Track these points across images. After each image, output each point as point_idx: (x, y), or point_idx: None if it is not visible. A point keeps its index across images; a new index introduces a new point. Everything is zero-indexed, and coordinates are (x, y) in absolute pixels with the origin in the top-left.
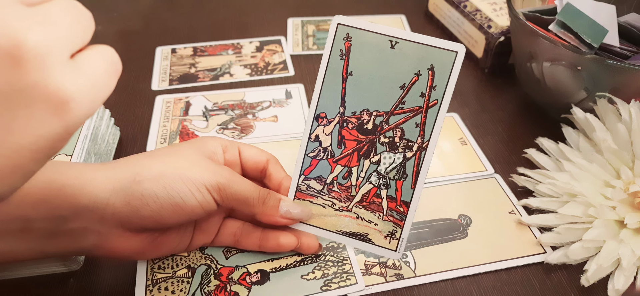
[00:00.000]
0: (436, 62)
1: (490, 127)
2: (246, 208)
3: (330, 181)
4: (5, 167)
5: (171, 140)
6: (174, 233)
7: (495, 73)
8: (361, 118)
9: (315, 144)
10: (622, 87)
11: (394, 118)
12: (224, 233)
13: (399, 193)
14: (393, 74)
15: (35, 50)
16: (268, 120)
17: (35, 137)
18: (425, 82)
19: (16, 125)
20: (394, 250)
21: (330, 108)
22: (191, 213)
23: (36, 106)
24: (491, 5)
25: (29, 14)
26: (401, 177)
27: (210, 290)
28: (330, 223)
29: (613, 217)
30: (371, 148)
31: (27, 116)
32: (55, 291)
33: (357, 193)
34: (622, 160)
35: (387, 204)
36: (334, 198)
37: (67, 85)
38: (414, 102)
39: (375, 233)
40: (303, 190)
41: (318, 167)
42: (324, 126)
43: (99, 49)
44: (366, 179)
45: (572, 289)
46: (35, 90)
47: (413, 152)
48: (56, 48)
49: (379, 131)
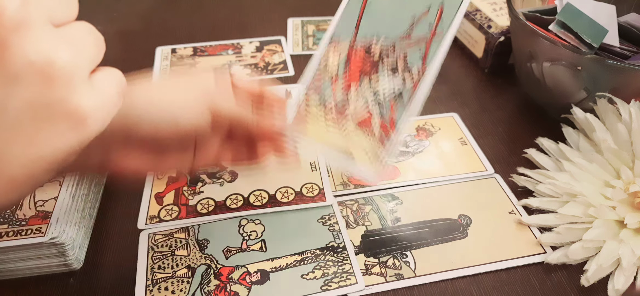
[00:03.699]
0: (446, 1)
1: (490, 127)
2: (242, 124)
3: (330, 99)
4: (21, 175)
5: None
6: (175, 152)
7: (495, 73)
8: (370, 43)
9: (323, 63)
10: (622, 87)
11: (400, 45)
12: (221, 154)
13: (392, 117)
14: (407, 6)
15: (65, 68)
16: None
17: (52, 149)
18: (434, 16)
19: (38, 137)
20: (374, 172)
21: (345, 31)
22: (186, 131)
23: (58, 120)
24: (491, 5)
25: (58, 35)
26: (396, 100)
27: (210, 290)
28: (320, 136)
29: (613, 217)
30: (373, 70)
31: (48, 129)
32: (56, 291)
33: (351, 110)
34: (622, 160)
35: (380, 126)
36: (329, 115)
37: (86, 102)
38: (421, 32)
39: (360, 152)
40: (302, 106)
41: (321, 85)
42: (335, 46)
43: (111, 71)
44: (362, 98)
45: (572, 289)
46: (60, 105)
47: (412, 78)
48: (81, 67)
49: (384, 55)
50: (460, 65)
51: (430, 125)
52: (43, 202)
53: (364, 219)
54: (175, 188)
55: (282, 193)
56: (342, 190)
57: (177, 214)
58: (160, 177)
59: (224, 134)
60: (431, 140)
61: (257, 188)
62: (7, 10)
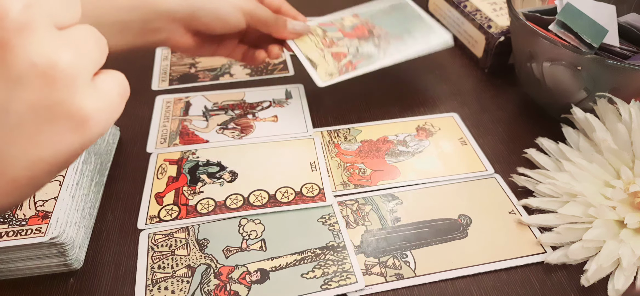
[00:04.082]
0: (416, 30)
1: (490, 127)
2: (265, 28)
3: (330, 36)
4: (23, 177)
5: (171, 140)
6: (211, 41)
7: (495, 73)
8: (374, 26)
9: (340, 19)
10: (622, 87)
11: (387, 35)
12: (237, 50)
13: (356, 63)
14: (404, 24)
15: (67, 71)
16: (268, 120)
17: (54, 151)
18: (410, 34)
19: (39, 139)
20: (321, 80)
21: (365, 12)
22: (230, 27)
23: (60, 122)
24: (491, 5)
25: (61, 37)
26: (365, 58)
27: (210, 290)
28: (306, 48)
29: (613, 216)
30: (365, 37)
31: (50, 131)
32: (56, 290)
33: (336, 46)
34: (622, 160)
35: (347, 62)
36: (322, 41)
37: (89, 104)
38: (399, 34)
39: (322, 67)
40: (308, 28)
41: (330, 27)
42: (355, 15)
43: (113, 74)
44: (348, 45)
45: (572, 289)
46: (61, 107)
47: (382, 53)
48: (83, 70)
49: (376, 34)
50: (461, 65)
51: (430, 125)
52: (43, 201)
53: (364, 219)
54: (175, 188)
55: (282, 193)
56: (342, 190)
57: (177, 214)
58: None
59: (239, 38)
60: (431, 140)
61: (257, 188)
62: (11, 13)
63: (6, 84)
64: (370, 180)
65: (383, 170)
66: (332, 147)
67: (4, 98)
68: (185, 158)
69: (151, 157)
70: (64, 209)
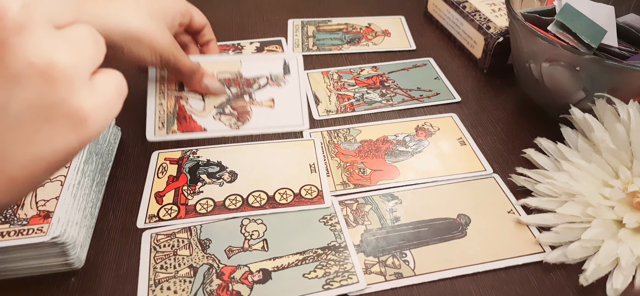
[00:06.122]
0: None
1: (489, 127)
2: (178, 76)
3: (344, 80)
4: (22, 175)
5: (169, 125)
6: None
7: (494, 73)
8: (387, 80)
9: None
10: (620, 87)
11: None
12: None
13: (359, 106)
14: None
15: (66, 70)
16: (265, 105)
17: (52, 150)
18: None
19: (38, 138)
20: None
21: (382, 68)
22: (142, 64)
23: (58, 121)
24: (490, 6)
25: (59, 36)
26: (369, 103)
27: (213, 290)
28: (316, 86)
29: (611, 216)
30: (375, 86)
31: (49, 130)
32: (57, 290)
33: (345, 89)
34: (620, 160)
35: (348, 103)
36: (335, 84)
37: (87, 103)
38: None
39: (324, 105)
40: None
41: (347, 75)
42: (371, 70)
43: (111, 73)
44: (354, 91)
45: (571, 288)
46: (60, 106)
47: (387, 101)
48: (81, 69)
49: (386, 84)
50: (460, 65)
51: (429, 125)
52: (44, 201)
53: (364, 218)
54: (175, 187)
55: (281, 194)
56: (341, 190)
57: (177, 214)
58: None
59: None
60: (430, 140)
61: (256, 189)
62: (9, 12)
63: (5, 83)
64: (370, 180)
65: (382, 170)
66: (332, 147)
67: (3, 98)
68: (186, 158)
69: (152, 156)
70: (66, 209)
